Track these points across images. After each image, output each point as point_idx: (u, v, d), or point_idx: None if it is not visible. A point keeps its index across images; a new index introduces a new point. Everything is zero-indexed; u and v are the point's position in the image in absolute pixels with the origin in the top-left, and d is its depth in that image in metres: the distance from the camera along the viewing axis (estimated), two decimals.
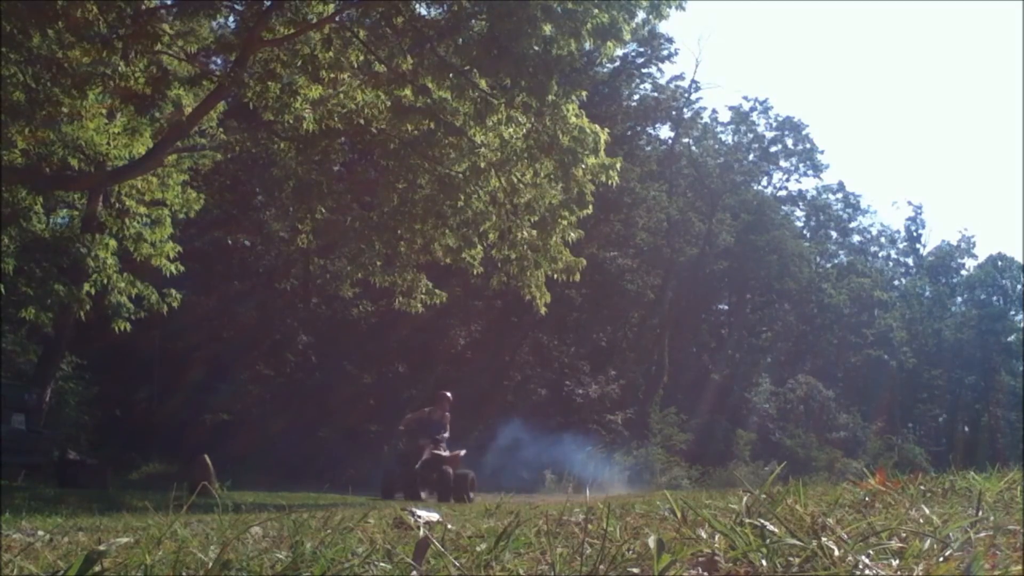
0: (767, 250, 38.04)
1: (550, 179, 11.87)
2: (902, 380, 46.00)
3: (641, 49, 31.79)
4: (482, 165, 11.65)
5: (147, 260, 13.73)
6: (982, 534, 1.59)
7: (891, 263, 54.83)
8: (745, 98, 53.83)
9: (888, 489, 2.35)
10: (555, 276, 12.53)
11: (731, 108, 42.44)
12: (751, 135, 41.96)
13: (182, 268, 13.75)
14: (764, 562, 1.46)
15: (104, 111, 12.34)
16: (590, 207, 12.06)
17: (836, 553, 1.45)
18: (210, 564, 1.63)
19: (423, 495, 12.37)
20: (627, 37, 11.34)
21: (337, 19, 11.68)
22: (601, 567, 1.50)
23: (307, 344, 24.96)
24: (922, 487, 2.53)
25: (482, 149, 11.56)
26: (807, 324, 41.55)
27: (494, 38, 10.67)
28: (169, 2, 12.32)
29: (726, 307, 41.17)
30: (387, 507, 4.17)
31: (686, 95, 35.97)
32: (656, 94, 34.54)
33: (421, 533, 1.97)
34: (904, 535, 1.60)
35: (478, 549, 1.77)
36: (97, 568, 1.53)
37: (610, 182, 11.93)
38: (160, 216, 13.75)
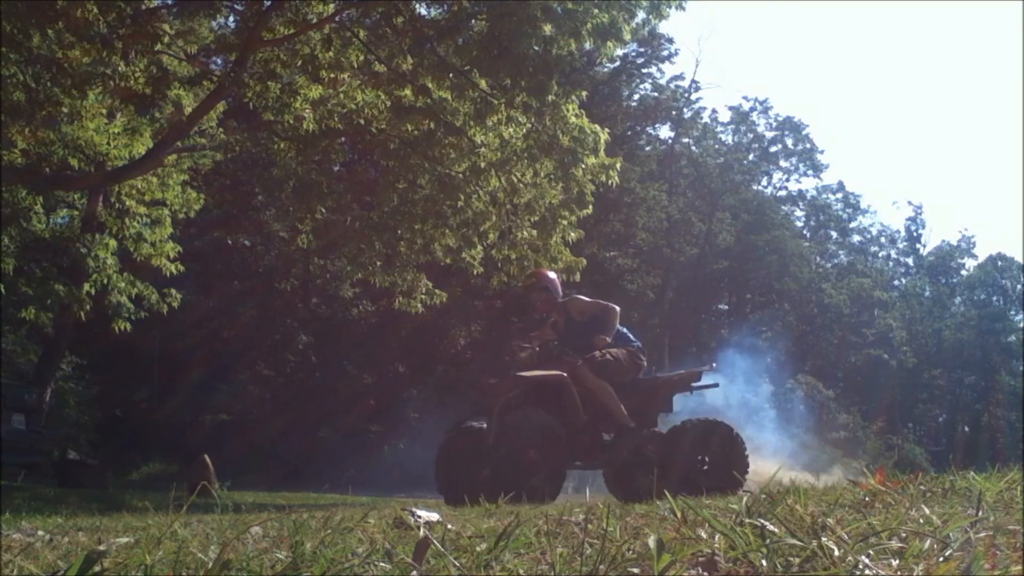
0: (767, 250, 38.07)
1: (550, 179, 11.87)
2: (902, 380, 45.97)
3: (641, 49, 31.85)
4: (482, 165, 11.64)
5: (147, 260, 13.73)
6: (982, 534, 1.59)
7: (891, 263, 54.78)
8: (745, 98, 53.83)
9: (888, 489, 2.35)
10: None
11: (731, 108, 42.56)
12: (751, 135, 42.03)
13: (182, 268, 13.75)
14: (764, 562, 1.46)
15: (104, 111, 12.34)
16: (590, 207, 12.06)
17: (836, 553, 1.45)
18: (210, 564, 1.63)
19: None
20: (627, 37, 11.32)
21: (337, 19, 11.68)
22: (601, 567, 1.50)
23: (307, 344, 24.96)
24: (922, 487, 2.52)
25: (482, 149, 11.55)
26: (807, 324, 41.55)
27: (494, 38, 10.66)
28: (169, 2, 12.32)
29: (726, 307, 41.18)
30: (387, 507, 4.17)
31: (686, 95, 36.05)
32: (656, 94, 34.61)
33: (421, 533, 1.97)
34: (904, 535, 1.59)
35: (478, 549, 1.77)
36: (97, 568, 1.53)
37: (610, 182, 11.92)
38: (160, 216, 13.74)
